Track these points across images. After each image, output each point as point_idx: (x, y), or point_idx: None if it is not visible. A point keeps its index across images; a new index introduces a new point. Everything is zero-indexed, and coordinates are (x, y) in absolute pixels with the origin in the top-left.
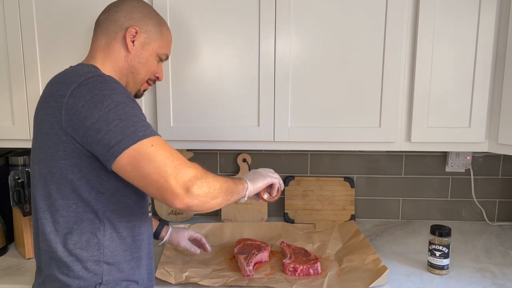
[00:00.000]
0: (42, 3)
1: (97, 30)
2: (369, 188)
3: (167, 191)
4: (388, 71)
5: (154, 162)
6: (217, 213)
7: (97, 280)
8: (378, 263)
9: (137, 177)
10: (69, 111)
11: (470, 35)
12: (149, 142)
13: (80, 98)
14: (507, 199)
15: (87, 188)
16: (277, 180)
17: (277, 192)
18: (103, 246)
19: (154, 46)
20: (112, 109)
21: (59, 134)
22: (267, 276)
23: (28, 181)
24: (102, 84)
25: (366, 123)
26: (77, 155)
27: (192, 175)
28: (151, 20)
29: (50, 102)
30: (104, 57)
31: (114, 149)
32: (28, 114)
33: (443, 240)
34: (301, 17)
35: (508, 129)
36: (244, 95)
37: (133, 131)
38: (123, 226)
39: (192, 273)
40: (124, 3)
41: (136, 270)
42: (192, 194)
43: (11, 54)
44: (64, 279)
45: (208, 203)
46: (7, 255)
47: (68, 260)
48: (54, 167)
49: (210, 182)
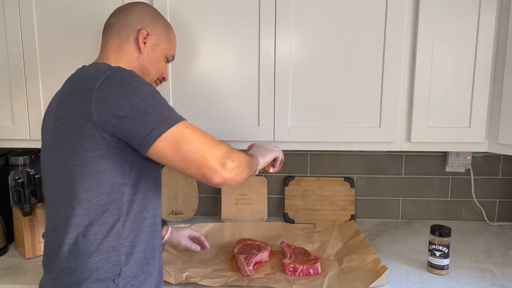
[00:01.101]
0: (42, 4)
1: (108, 32)
2: (369, 188)
3: (206, 168)
4: (388, 71)
5: (192, 142)
6: (217, 213)
7: (115, 271)
8: (378, 263)
9: (178, 158)
10: (99, 103)
11: (470, 35)
12: (183, 125)
13: (111, 91)
14: (507, 199)
15: (111, 180)
16: (280, 154)
17: (280, 164)
18: (122, 237)
19: (163, 47)
20: (144, 98)
21: (86, 127)
22: (267, 276)
23: (28, 181)
24: (129, 77)
25: (366, 123)
26: (104, 147)
27: (224, 151)
28: (159, 23)
29: (75, 97)
30: (117, 58)
31: (152, 133)
32: (28, 114)
33: (443, 240)
34: (301, 17)
35: (508, 129)
36: (244, 95)
37: (168, 116)
38: (142, 216)
39: (192, 273)
40: (134, 7)
41: (150, 260)
42: (228, 168)
43: (11, 54)
44: (83, 271)
45: (239, 175)
46: (7, 255)
47: (88, 251)
48: (79, 159)
49: (238, 157)
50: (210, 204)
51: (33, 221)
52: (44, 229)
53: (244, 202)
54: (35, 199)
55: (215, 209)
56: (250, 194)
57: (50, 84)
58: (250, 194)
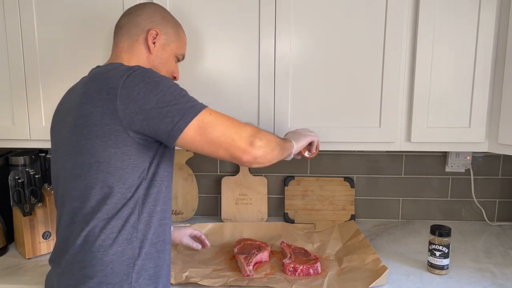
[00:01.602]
0: (43, 4)
1: (118, 32)
2: (369, 188)
3: (235, 148)
4: (388, 71)
5: (218, 126)
6: (217, 213)
7: (129, 264)
8: (378, 263)
9: (206, 144)
10: (124, 100)
11: (470, 35)
12: (207, 112)
13: (134, 88)
14: (507, 199)
15: (132, 175)
16: (316, 138)
17: (316, 149)
18: (136, 230)
19: (172, 47)
20: (167, 91)
21: (111, 124)
22: (267, 276)
23: (28, 181)
24: (149, 73)
25: (366, 123)
26: (128, 144)
27: (250, 130)
28: (169, 23)
29: (99, 95)
30: (129, 57)
31: (179, 123)
32: (28, 114)
33: (443, 240)
34: (301, 17)
35: (508, 129)
36: (244, 95)
37: (191, 106)
38: (156, 210)
39: (192, 273)
40: (144, 7)
41: (160, 254)
42: (256, 146)
43: (11, 54)
44: (97, 263)
45: (269, 154)
46: (7, 255)
47: (105, 244)
48: (102, 156)
49: (266, 135)
50: (210, 204)
51: (33, 221)
52: (44, 229)
53: (244, 202)
54: (35, 199)
55: (215, 209)
56: (250, 194)
57: (50, 84)
58: (250, 194)
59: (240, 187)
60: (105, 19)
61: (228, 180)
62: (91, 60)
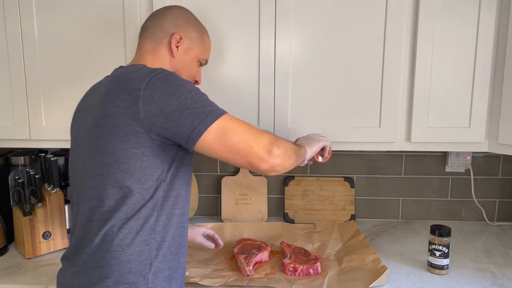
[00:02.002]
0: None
1: (144, 35)
2: (369, 188)
3: (252, 156)
4: (388, 71)
5: (237, 133)
6: (217, 213)
7: (146, 264)
8: (378, 263)
9: (225, 149)
10: (146, 102)
11: (470, 35)
12: (227, 117)
13: (156, 90)
14: (507, 199)
15: (152, 177)
16: (328, 143)
17: (329, 154)
18: (154, 231)
19: (196, 52)
20: (188, 95)
21: (132, 125)
22: (267, 276)
23: (28, 181)
24: (172, 77)
25: (366, 123)
26: (148, 145)
27: (268, 138)
28: (193, 27)
29: (121, 96)
30: (152, 60)
31: (199, 127)
32: (28, 114)
33: (443, 240)
34: (301, 17)
35: (508, 129)
36: (244, 95)
37: (211, 110)
38: (174, 213)
39: (192, 273)
40: (170, 10)
41: (175, 256)
42: (274, 155)
43: (12, 54)
44: (115, 263)
45: (286, 162)
46: (7, 255)
47: (123, 244)
48: (123, 156)
49: (284, 143)
50: (210, 204)
51: (33, 221)
52: (44, 229)
53: (244, 202)
54: (35, 199)
55: (215, 209)
56: (250, 194)
57: (50, 84)
58: (250, 194)
59: (240, 187)
60: (105, 19)
61: (228, 180)
62: (91, 61)
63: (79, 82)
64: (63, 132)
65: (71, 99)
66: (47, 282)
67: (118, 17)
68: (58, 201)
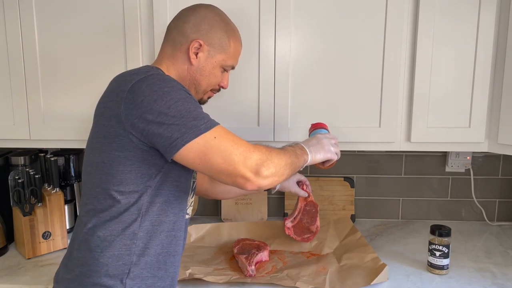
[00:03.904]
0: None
1: (166, 36)
2: (369, 188)
3: (237, 177)
4: (388, 71)
5: (220, 153)
6: (217, 213)
7: (124, 270)
8: (377, 262)
9: (206, 168)
10: (128, 105)
11: (470, 35)
12: (212, 134)
13: (139, 94)
14: (507, 199)
15: (136, 181)
16: (335, 157)
17: (331, 164)
18: (136, 237)
19: (218, 59)
20: (172, 105)
21: (116, 127)
22: (269, 274)
23: (28, 181)
24: (160, 82)
25: (366, 123)
26: (131, 148)
27: (258, 158)
28: (217, 33)
29: (111, 96)
30: (170, 65)
31: (177, 141)
32: (28, 114)
33: (443, 240)
34: (301, 17)
35: (508, 129)
36: (244, 95)
37: (194, 125)
38: (160, 220)
39: (195, 270)
40: (194, 13)
41: (162, 265)
42: (262, 176)
43: (12, 54)
44: (93, 264)
45: (277, 181)
46: (7, 255)
47: (102, 245)
48: (107, 157)
49: (276, 162)
50: (210, 204)
51: (33, 221)
52: (44, 229)
53: (244, 202)
54: (35, 199)
55: (215, 209)
56: (250, 194)
57: (50, 84)
58: (250, 194)
59: None
60: (105, 22)
61: None
62: (91, 61)
63: (79, 83)
64: (63, 132)
65: (71, 99)
66: (47, 282)
67: (118, 20)
68: (58, 201)
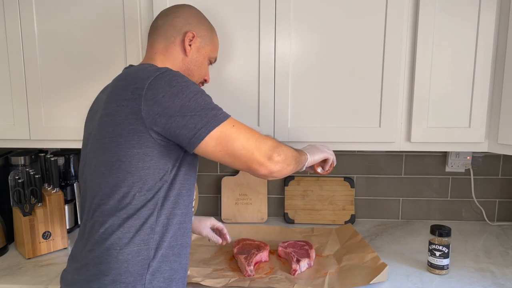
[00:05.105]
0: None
1: (154, 34)
2: (369, 188)
3: (253, 162)
4: (388, 71)
5: (239, 139)
6: (217, 213)
7: (144, 265)
8: (377, 261)
9: (226, 155)
10: (148, 101)
11: (470, 35)
12: (230, 123)
13: (159, 90)
14: (507, 199)
15: (154, 177)
16: (332, 156)
17: (330, 167)
18: (154, 231)
19: (207, 50)
20: (192, 97)
21: (135, 124)
22: (267, 275)
23: (28, 181)
24: (177, 77)
25: (366, 123)
26: (150, 145)
27: (270, 144)
28: (204, 26)
29: (124, 95)
30: (164, 59)
31: (201, 131)
32: (28, 114)
33: (443, 240)
34: (301, 17)
35: (508, 129)
36: (244, 95)
37: (214, 115)
38: (175, 213)
39: (193, 272)
40: (181, 9)
41: (177, 257)
42: (274, 161)
43: (12, 54)
44: (112, 261)
45: (285, 169)
46: (7, 255)
47: (121, 243)
48: (125, 155)
49: (285, 150)
50: (210, 204)
51: (33, 221)
52: (44, 229)
53: (244, 202)
54: (35, 199)
55: (215, 209)
56: (250, 194)
57: (50, 84)
58: (250, 194)
59: (240, 187)
60: (105, 19)
61: (228, 180)
62: (91, 60)
63: (79, 82)
64: (63, 132)
65: (71, 99)
66: (47, 282)
67: (118, 16)
68: (58, 201)
